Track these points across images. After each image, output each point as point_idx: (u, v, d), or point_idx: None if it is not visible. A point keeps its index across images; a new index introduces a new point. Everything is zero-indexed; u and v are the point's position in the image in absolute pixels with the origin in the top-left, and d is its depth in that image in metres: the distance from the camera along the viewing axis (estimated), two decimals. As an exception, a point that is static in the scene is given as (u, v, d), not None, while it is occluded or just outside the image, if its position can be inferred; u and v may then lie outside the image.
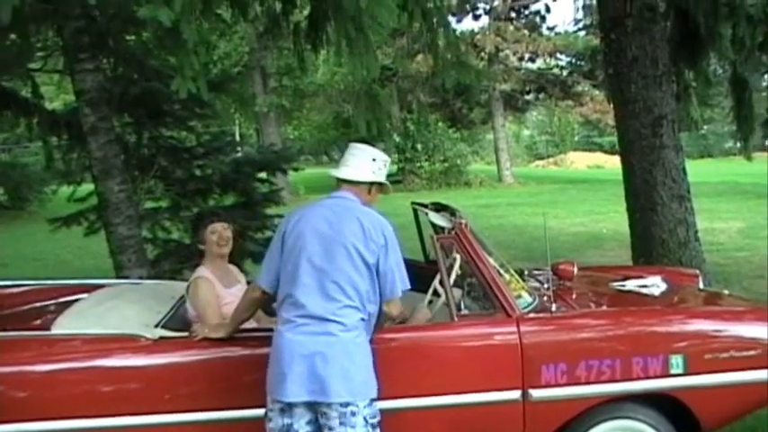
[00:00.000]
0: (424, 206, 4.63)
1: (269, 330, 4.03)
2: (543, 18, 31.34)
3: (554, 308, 3.98)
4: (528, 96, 33.58)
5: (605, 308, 4.48)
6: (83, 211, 7.75)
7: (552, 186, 26.52)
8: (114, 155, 6.60)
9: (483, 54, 29.12)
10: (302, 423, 3.35)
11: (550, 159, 48.08)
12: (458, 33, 28.46)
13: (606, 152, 44.76)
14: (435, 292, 4.22)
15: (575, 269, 4.67)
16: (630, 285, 4.61)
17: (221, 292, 4.23)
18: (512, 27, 29.90)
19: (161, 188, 7.76)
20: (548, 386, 3.74)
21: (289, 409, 3.33)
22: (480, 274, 3.86)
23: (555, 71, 32.79)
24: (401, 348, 3.81)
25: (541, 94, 33.05)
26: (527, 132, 60.15)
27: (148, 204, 7.81)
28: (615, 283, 4.70)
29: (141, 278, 6.24)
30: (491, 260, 4.04)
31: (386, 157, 3.66)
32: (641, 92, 7.35)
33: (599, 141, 50.60)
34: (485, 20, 30.17)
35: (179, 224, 7.88)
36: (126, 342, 3.71)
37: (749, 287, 8.57)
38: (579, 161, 44.60)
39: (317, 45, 6.61)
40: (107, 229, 6.78)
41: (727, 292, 4.90)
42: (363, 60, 4.93)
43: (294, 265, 3.41)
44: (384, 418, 3.43)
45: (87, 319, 4.02)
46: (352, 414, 3.30)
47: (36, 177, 22.13)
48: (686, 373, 3.79)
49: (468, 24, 40.77)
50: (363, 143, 3.70)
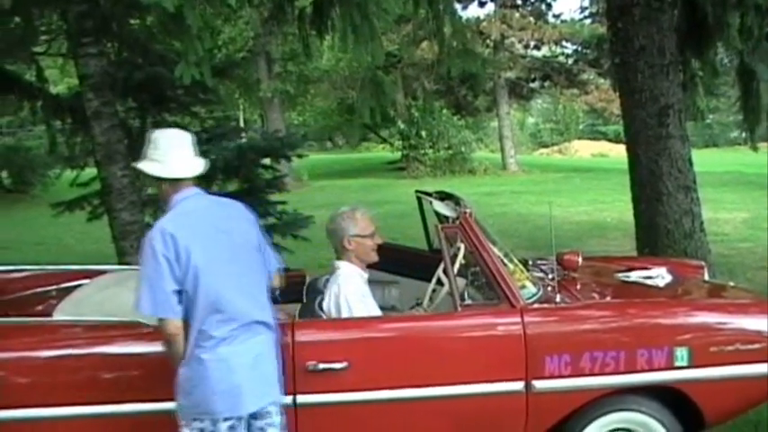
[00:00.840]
0: (429, 195, 4.59)
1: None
2: (549, 5, 31.23)
3: (558, 298, 3.95)
4: (533, 84, 33.49)
5: (610, 299, 4.44)
6: (86, 195, 7.73)
7: (556, 175, 26.41)
8: (117, 140, 6.58)
9: (488, 41, 29.03)
10: None
11: (555, 147, 48.04)
12: (463, 20, 28.53)
13: (611, 141, 44.69)
14: (439, 282, 4.19)
15: (579, 259, 4.64)
16: (635, 276, 4.57)
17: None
18: (517, 14, 29.81)
19: (164, 174, 7.69)
20: (551, 377, 3.71)
21: (239, 423, 3.19)
22: (484, 263, 3.83)
23: (560, 59, 32.65)
24: (403, 338, 3.80)
25: (546, 82, 32.95)
26: (532, 120, 60.13)
27: (151, 190, 7.77)
28: (620, 274, 4.67)
29: (144, 264, 6.19)
30: (495, 250, 4.01)
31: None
32: (648, 81, 7.30)
33: (603, 130, 50.55)
34: (490, 7, 30.02)
35: (182, 210, 7.79)
36: (127, 329, 3.68)
37: (753, 278, 8.53)
38: (583, 150, 44.55)
39: (321, 31, 6.58)
40: (110, 215, 6.76)
41: (732, 283, 4.86)
42: (368, 47, 4.89)
43: (207, 284, 3.13)
44: (385, 409, 3.40)
45: (88, 305, 4.00)
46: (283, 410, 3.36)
47: (40, 161, 22.16)
48: (691, 366, 3.75)
49: (474, 11, 40.44)
50: (170, 129, 3.41)
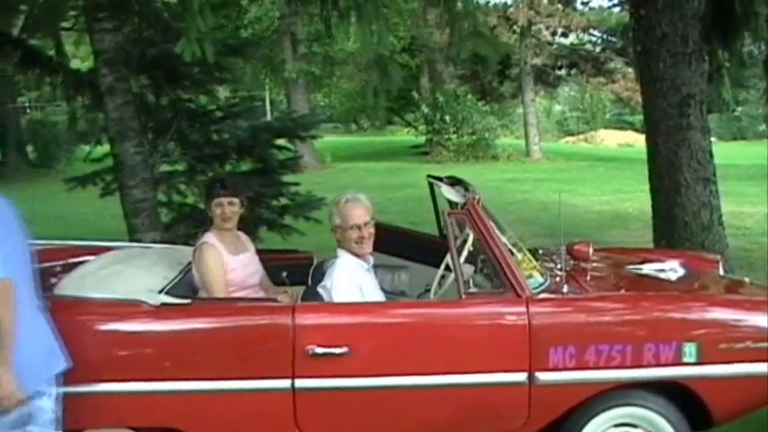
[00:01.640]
0: (439, 179, 4.53)
1: (273, 300, 4.01)
2: (577, -8, 30.85)
3: (565, 289, 3.88)
4: (560, 72, 33.15)
5: (618, 291, 4.33)
6: (98, 171, 7.73)
7: (580, 163, 26.18)
8: (131, 116, 6.57)
9: (515, 27, 28.77)
10: None
11: (581, 136, 47.61)
12: (490, 5, 28.32)
13: (637, 131, 44.09)
14: (448, 268, 4.13)
15: (590, 249, 4.55)
16: (647, 269, 4.48)
17: (227, 258, 4.20)
18: (545, 1, 29.48)
19: (178, 152, 7.71)
20: (555, 369, 3.63)
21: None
22: (490, 251, 3.76)
23: (587, 47, 32.31)
24: (404, 325, 3.75)
25: (573, 70, 32.57)
26: (558, 108, 59.61)
27: (164, 168, 7.77)
28: (631, 266, 4.58)
29: (154, 242, 6.17)
30: (503, 238, 3.95)
31: None
32: (669, 70, 7.16)
33: (630, 120, 49.96)
34: (518, -8, 29.73)
35: (194, 188, 7.82)
36: (128, 307, 3.66)
37: (773, 273, 8.38)
38: (609, 139, 44.10)
39: (343, 12, 6.52)
40: (122, 192, 6.76)
41: (748, 279, 4.75)
42: (372, 29, 4.80)
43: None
44: (384, 395, 3.36)
45: (91, 282, 3.97)
46: None
47: (65, 136, 22.32)
48: (699, 362, 3.66)
49: (502, -4, 40.05)
50: None
